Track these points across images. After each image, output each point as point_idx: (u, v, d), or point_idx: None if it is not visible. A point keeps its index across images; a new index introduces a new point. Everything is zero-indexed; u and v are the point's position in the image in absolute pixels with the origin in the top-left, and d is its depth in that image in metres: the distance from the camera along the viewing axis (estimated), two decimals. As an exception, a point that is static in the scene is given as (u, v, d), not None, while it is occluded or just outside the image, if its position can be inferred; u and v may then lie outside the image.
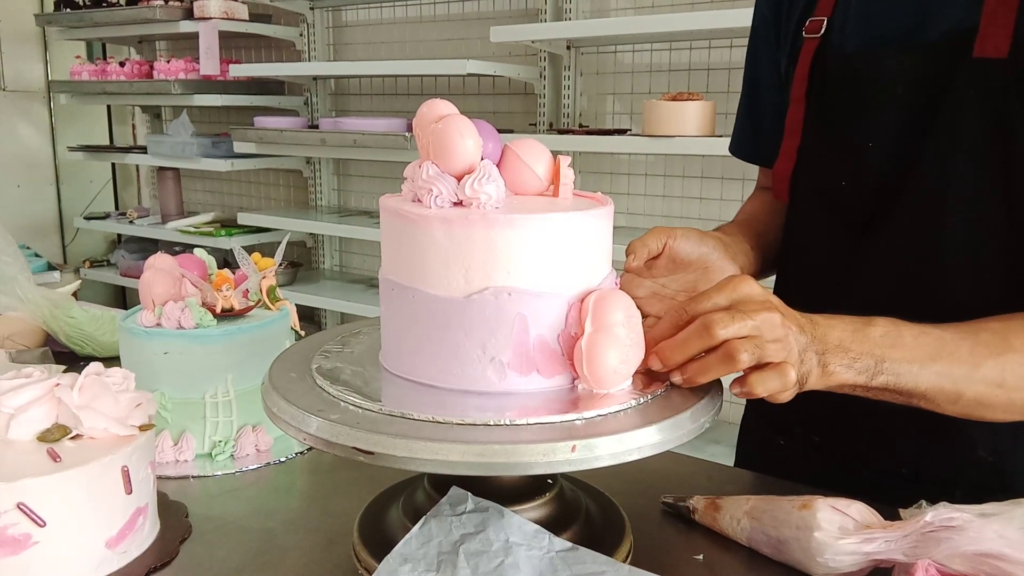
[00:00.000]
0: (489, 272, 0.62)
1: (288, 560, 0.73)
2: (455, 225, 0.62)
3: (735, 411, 1.08)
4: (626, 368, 0.64)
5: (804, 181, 0.92)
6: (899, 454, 0.86)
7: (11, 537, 0.63)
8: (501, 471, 0.59)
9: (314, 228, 3.31)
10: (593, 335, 0.63)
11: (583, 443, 0.56)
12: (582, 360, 0.63)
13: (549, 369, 0.64)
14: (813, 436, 0.93)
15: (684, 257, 0.87)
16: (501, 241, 0.62)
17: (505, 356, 0.63)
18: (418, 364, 0.66)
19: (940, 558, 0.59)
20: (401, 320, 0.67)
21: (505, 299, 0.62)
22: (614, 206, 0.70)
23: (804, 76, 0.89)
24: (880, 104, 0.82)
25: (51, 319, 1.23)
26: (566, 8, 2.73)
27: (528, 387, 0.64)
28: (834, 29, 0.87)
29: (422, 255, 0.64)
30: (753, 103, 1.04)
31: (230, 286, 0.96)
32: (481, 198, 0.63)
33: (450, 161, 0.64)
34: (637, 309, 0.65)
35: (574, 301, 0.64)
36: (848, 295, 0.84)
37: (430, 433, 0.57)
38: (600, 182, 2.81)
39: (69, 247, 4.30)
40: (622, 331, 0.63)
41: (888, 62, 0.82)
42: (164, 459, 0.91)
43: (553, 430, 0.58)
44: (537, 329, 0.63)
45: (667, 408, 0.62)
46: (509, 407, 0.61)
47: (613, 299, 0.64)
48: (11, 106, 4.03)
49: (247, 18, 3.38)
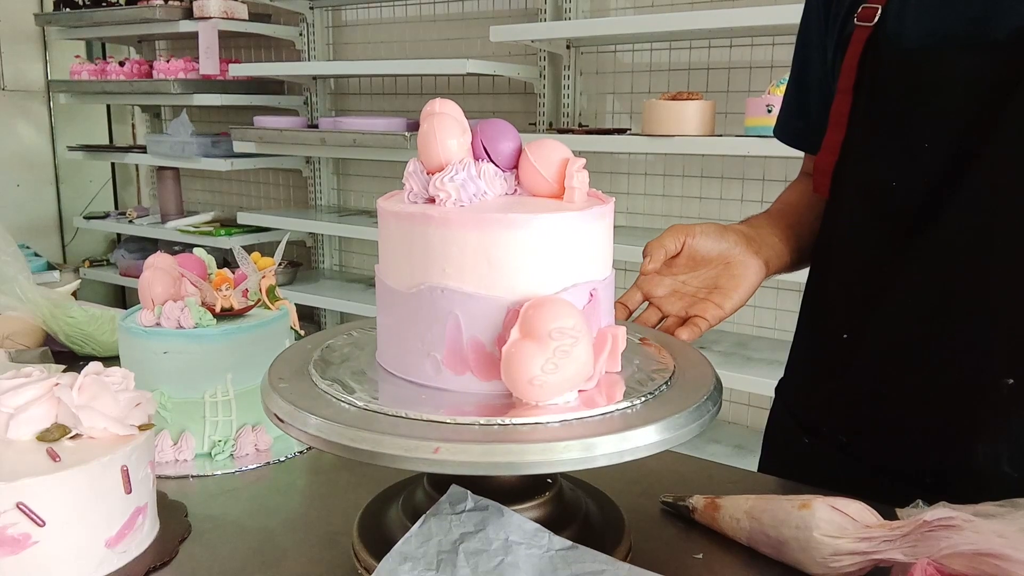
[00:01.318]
0: (427, 269, 0.63)
1: (288, 560, 0.73)
2: (403, 219, 0.65)
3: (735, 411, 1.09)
4: (551, 381, 0.59)
5: (849, 177, 0.87)
6: (923, 461, 0.83)
7: (10, 537, 0.63)
8: (501, 471, 0.59)
9: (314, 228, 3.31)
10: (518, 342, 0.60)
11: (583, 443, 0.56)
12: (502, 367, 0.61)
13: (484, 372, 0.63)
14: (840, 436, 0.90)
15: (705, 254, 0.86)
16: (437, 239, 0.62)
17: (439, 353, 0.64)
18: (384, 354, 0.70)
19: (939, 558, 0.59)
20: (379, 311, 0.71)
21: (439, 296, 0.63)
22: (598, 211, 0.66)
23: (853, 67, 0.84)
24: (940, 104, 0.78)
25: (51, 319, 1.23)
26: (566, 8, 2.73)
27: (465, 387, 0.64)
28: (889, 18, 0.81)
29: (384, 247, 0.68)
30: (801, 88, 0.98)
31: (230, 286, 0.96)
32: (441, 195, 0.64)
33: (429, 159, 0.66)
34: (581, 323, 0.60)
35: (514, 306, 0.62)
36: (889, 295, 0.81)
37: (429, 432, 0.57)
38: (600, 182, 2.81)
39: (69, 247, 4.30)
40: (551, 342, 0.59)
41: (951, 60, 0.77)
42: (164, 459, 0.91)
43: (554, 430, 0.58)
44: (472, 331, 0.62)
45: (667, 408, 0.62)
46: (444, 404, 0.62)
47: (549, 308, 0.60)
48: (11, 106, 4.03)
49: (247, 18, 3.38)
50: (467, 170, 0.64)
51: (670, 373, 0.69)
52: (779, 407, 1.05)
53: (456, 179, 0.64)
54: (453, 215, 0.62)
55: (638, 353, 0.74)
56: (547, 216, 0.62)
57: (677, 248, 0.86)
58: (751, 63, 2.52)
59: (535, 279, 0.63)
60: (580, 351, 0.60)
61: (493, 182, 0.67)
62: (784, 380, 1.05)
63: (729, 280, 0.88)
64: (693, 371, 0.70)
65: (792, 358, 1.02)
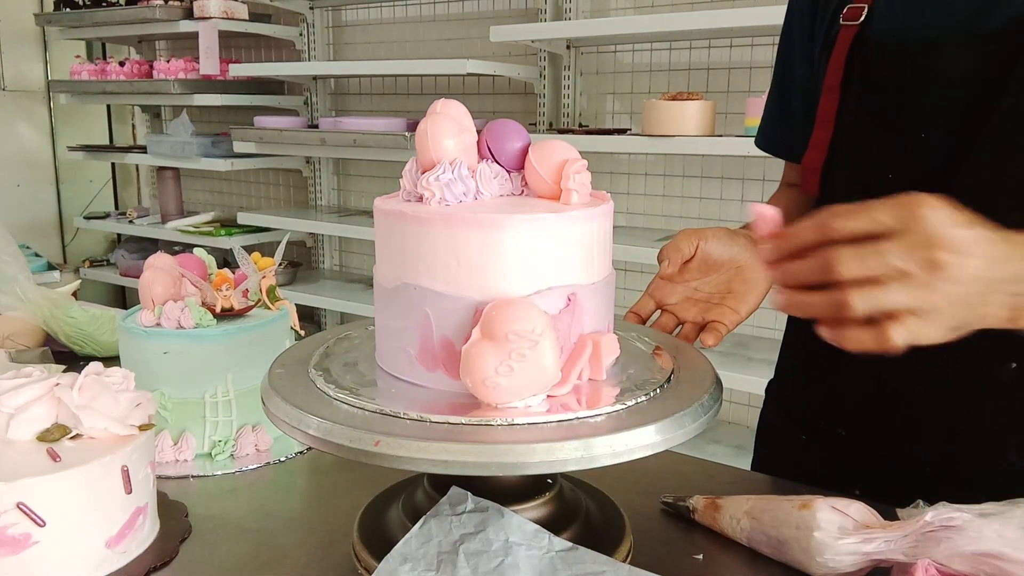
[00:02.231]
0: (404, 266, 0.65)
1: (288, 560, 0.73)
2: (386, 217, 0.66)
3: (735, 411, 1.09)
4: (504, 383, 0.59)
5: (841, 173, 0.88)
6: (924, 450, 0.83)
7: (11, 537, 0.63)
8: (501, 471, 0.59)
9: (314, 228, 3.31)
10: (477, 342, 0.60)
11: (583, 443, 0.56)
12: (461, 365, 0.61)
13: (453, 370, 0.63)
14: (839, 429, 0.90)
15: (716, 258, 0.86)
16: (412, 236, 0.63)
17: (413, 349, 0.65)
18: (378, 350, 0.71)
19: (940, 558, 0.59)
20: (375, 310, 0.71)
21: (413, 293, 0.64)
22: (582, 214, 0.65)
23: (840, 65, 0.85)
24: (934, 94, 0.78)
25: (51, 319, 1.23)
26: (566, 8, 2.73)
27: (436, 384, 0.65)
28: (876, 16, 0.83)
29: (376, 245, 0.70)
30: (783, 95, 1.00)
31: (230, 286, 0.96)
32: (425, 194, 0.64)
33: (423, 158, 0.67)
34: (547, 328, 0.59)
35: (482, 307, 0.61)
36: None
37: (429, 433, 0.57)
38: (600, 182, 2.81)
39: (69, 247, 4.30)
40: (507, 345, 0.58)
41: (943, 52, 0.78)
42: (164, 459, 0.91)
43: (553, 430, 0.58)
44: (442, 329, 0.63)
45: (667, 408, 0.62)
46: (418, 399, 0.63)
47: (509, 310, 0.59)
48: (11, 106, 4.02)
49: (247, 18, 3.38)
50: (457, 169, 0.65)
51: (666, 377, 0.68)
52: (771, 407, 1.06)
53: (442, 178, 0.64)
54: (426, 213, 0.63)
55: (637, 359, 0.73)
56: (518, 217, 0.62)
57: (692, 251, 0.86)
58: (751, 63, 2.52)
59: (504, 280, 0.62)
60: (541, 355, 0.59)
61: (490, 182, 0.67)
62: (775, 380, 1.05)
63: (742, 284, 0.89)
64: (693, 371, 0.70)
65: (783, 356, 1.03)
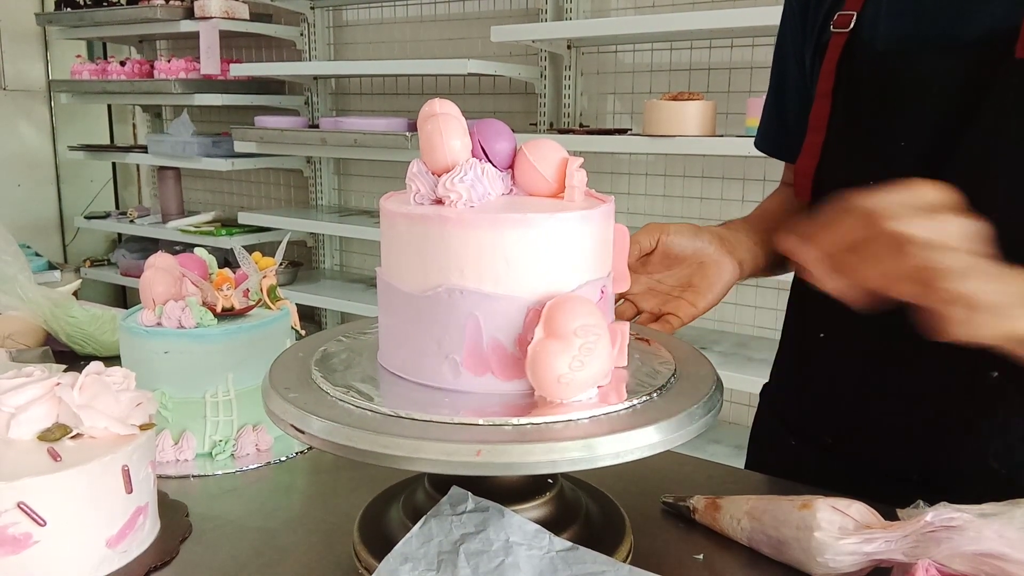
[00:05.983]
0: (443, 270, 0.62)
1: (288, 560, 0.73)
2: (415, 221, 0.64)
3: (735, 411, 1.09)
4: (577, 378, 0.60)
5: (829, 179, 0.89)
6: (909, 458, 0.84)
7: (11, 536, 0.63)
8: (501, 471, 0.59)
9: (314, 228, 3.31)
10: (543, 341, 0.60)
11: (585, 443, 0.56)
12: (528, 366, 0.61)
13: (505, 372, 0.63)
14: (825, 437, 0.91)
15: (679, 252, 0.87)
16: (455, 240, 0.62)
17: (459, 355, 0.63)
18: (391, 357, 0.69)
19: (940, 558, 0.59)
20: (383, 314, 0.70)
21: (458, 298, 0.62)
22: (605, 209, 0.67)
23: (831, 72, 0.86)
24: (914, 103, 0.79)
25: (51, 318, 1.23)
26: (567, 8, 2.73)
27: (485, 388, 0.63)
28: (864, 24, 0.84)
29: (391, 249, 0.67)
30: (780, 97, 1.01)
31: (230, 285, 0.96)
32: (451, 196, 0.63)
33: (434, 160, 0.66)
34: (601, 319, 0.62)
35: (535, 306, 0.62)
36: None
37: (429, 433, 0.57)
38: (600, 182, 2.81)
39: (69, 246, 4.30)
40: (576, 340, 0.60)
41: (924, 60, 0.79)
42: (164, 458, 0.91)
43: (554, 430, 0.58)
44: (491, 331, 0.62)
45: (667, 408, 0.62)
46: (464, 406, 0.61)
47: (569, 306, 0.61)
48: (12, 105, 4.03)
49: (247, 17, 3.38)
50: (474, 170, 0.65)
51: (673, 367, 0.69)
52: (764, 409, 1.07)
53: (466, 180, 0.64)
54: (469, 216, 0.62)
55: (636, 348, 0.74)
56: (562, 215, 0.63)
57: (652, 245, 0.87)
58: (752, 63, 2.52)
59: (553, 278, 0.63)
60: (603, 347, 0.61)
61: (495, 182, 0.67)
62: (769, 383, 1.06)
63: (703, 279, 0.89)
64: (694, 371, 0.70)
65: (778, 360, 1.04)
